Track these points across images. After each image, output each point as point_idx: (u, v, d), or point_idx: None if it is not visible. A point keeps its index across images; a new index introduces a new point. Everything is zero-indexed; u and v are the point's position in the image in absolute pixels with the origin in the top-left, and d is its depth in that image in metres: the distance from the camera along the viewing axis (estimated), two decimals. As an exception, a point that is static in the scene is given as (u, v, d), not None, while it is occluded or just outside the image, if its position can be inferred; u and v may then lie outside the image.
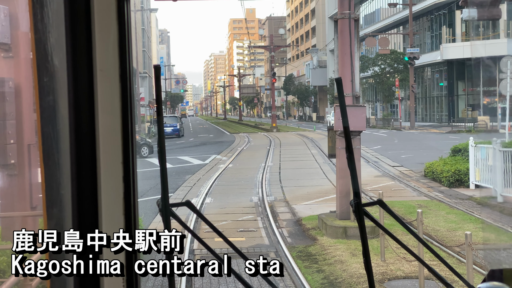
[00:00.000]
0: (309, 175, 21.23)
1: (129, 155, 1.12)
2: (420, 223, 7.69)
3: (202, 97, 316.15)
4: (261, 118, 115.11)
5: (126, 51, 1.11)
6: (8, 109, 7.32)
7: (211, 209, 15.07)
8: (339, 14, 11.90)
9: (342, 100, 1.43)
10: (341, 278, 8.80)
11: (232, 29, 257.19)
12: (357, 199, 1.40)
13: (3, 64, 7.51)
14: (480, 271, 8.43)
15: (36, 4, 1.13)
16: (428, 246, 1.59)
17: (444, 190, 16.97)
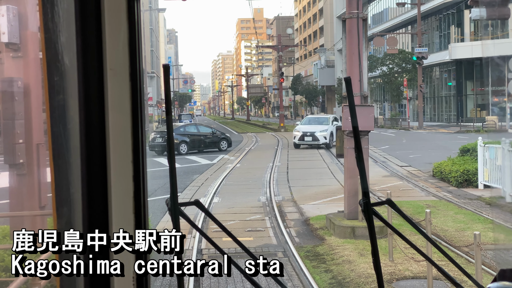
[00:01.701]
0: (317, 175, 21.21)
1: (139, 154, 1.12)
2: (429, 223, 7.67)
3: (210, 97, 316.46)
4: (268, 118, 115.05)
5: (136, 50, 1.11)
6: (17, 108, 7.34)
7: (219, 208, 15.07)
8: (347, 13, 11.88)
9: (351, 100, 1.42)
10: (349, 278, 8.79)
11: (240, 29, 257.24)
12: (366, 199, 1.39)
13: (12, 64, 7.54)
14: (489, 271, 8.40)
15: (47, 3, 1.14)
16: (437, 246, 1.58)
17: (453, 190, 16.91)
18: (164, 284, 8.75)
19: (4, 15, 7.12)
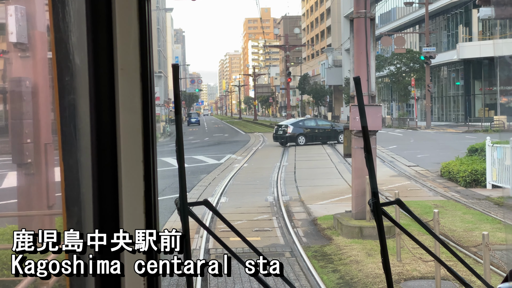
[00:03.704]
0: (324, 175, 21.19)
1: (149, 154, 1.12)
2: (437, 223, 7.64)
3: (217, 97, 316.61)
4: (276, 118, 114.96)
5: (147, 50, 1.11)
6: (25, 108, 7.37)
7: (226, 208, 15.08)
8: (355, 13, 11.86)
9: (360, 100, 1.41)
10: (357, 278, 8.78)
11: (247, 29, 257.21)
12: (375, 199, 1.39)
13: (20, 64, 7.56)
14: (498, 271, 8.37)
15: (57, 3, 1.14)
16: (446, 246, 1.58)
17: (461, 190, 16.86)
18: (171, 284, 8.76)
19: (12, 15, 7.14)
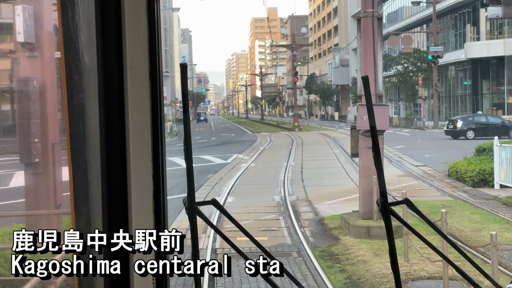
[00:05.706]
0: (331, 175, 21.16)
1: (158, 153, 1.12)
2: (444, 223, 7.62)
3: (224, 96, 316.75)
4: (283, 117, 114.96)
5: (156, 49, 1.11)
6: (32, 108, 7.39)
7: (233, 208, 15.08)
8: (362, 12, 11.84)
9: (368, 99, 1.40)
10: (364, 278, 8.76)
11: (254, 28, 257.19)
12: (383, 199, 1.38)
13: (27, 64, 7.58)
14: (506, 271, 8.34)
15: (67, 3, 1.14)
16: (455, 246, 1.57)
17: (468, 190, 16.81)
18: (178, 284, 8.78)
19: (19, 15, 7.16)
